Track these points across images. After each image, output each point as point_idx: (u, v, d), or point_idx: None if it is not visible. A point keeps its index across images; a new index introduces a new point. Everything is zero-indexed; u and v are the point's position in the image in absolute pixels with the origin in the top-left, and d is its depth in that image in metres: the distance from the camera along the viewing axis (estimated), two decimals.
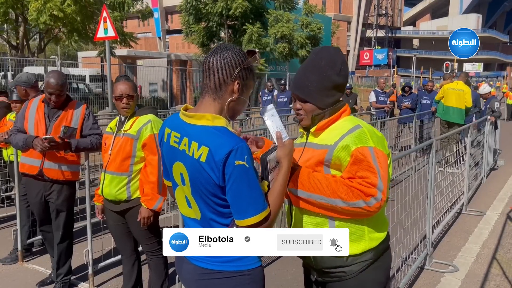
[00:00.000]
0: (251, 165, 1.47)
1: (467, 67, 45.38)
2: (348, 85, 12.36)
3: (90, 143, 3.41)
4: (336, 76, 1.73)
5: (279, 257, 4.32)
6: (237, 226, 1.52)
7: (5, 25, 15.18)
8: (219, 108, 1.55)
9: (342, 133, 1.69)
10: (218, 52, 1.56)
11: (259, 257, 1.64)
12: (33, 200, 3.55)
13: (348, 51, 58.25)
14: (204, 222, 1.58)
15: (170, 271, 3.38)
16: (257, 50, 1.67)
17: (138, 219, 2.88)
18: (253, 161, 1.50)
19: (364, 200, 1.60)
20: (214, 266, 1.55)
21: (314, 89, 1.72)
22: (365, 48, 61.30)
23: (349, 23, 58.78)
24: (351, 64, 57.14)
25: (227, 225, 1.55)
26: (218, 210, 1.53)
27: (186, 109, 1.62)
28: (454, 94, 8.38)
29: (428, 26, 68.43)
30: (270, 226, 1.52)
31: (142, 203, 2.85)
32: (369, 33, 61.96)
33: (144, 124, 2.88)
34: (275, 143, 1.65)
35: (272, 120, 1.65)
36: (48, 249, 3.84)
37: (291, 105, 12.43)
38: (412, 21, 73.48)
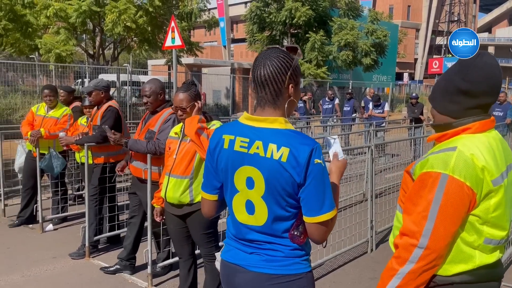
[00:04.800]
0: (325, 164, 1.56)
1: None
2: (414, 94, 11.89)
3: (145, 148, 3.58)
4: (460, 81, 1.56)
5: None
6: (303, 224, 1.58)
7: (84, 35, 16.34)
8: (281, 114, 1.61)
9: (435, 150, 1.56)
10: (266, 63, 1.58)
11: (310, 262, 1.70)
12: None
13: (415, 59, 56.08)
14: (267, 228, 1.60)
15: None
16: (298, 46, 1.66)
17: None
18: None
19: (407, 258, 1.49)
20: (276, 271, 1.60)
21: (438, 92, 1.65)
22: (435, 56, 58.58)
23: (417, 30, 56.59)
24: (419, 73, 54.93)
25: (287, 229, 1.59)
26: (288, 210, 1.57)
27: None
28: None
29: (505, 33, 64.01)
30: (332, 227, 1.61)
31: None
32: (439, 40, 59.20)
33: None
34: (330, 160, 1.77)
35: (335, 144, 1.81)
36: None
37: (354, 114, 12.17)
38: (487, 28, 69.21)
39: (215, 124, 2.97)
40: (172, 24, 8.28)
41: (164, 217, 3.22)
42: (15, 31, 12.26)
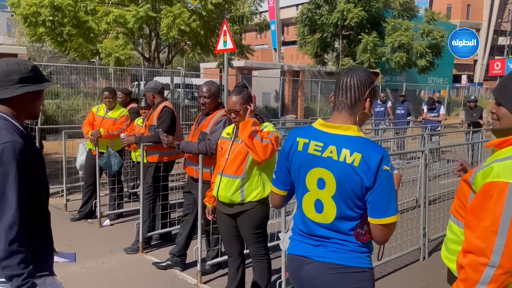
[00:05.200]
0: (392, 171, 1.70)
1: None
2: (472, 97, 11.33)
3: (196, 149, 3.69)
4: None
5: None
6: (367, 224, 1.72)
7: (140, 40, 17.00)
8: (353, 122, 1.76)
9: (499, 157, 1.47)
10: (353, 74, 1.78)
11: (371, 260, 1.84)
12: None
13: (475, 61, 53.39)
14: (334, 225, 1.75)
15: (273, 277, 3.45)
16: (379, 71, 1.88)
17: None
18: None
19: (477, 280, 1.37)
20: (341, 261, 1.74)
21: None
22: (496, 57, 55.37)
23: (478, 30, 53.83)
24: (479, 75, 52.22)
25: (353, 228, 1.74)
26: (354, 211, 1.72)
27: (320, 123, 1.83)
28: None
29: None
30: (393, 230, 1.73)
31: None
32: (502, 40, 55.97)
33: None
34: None
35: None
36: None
37: (409, 117, 11.80)
38: None
39: (267, 126, 3.01)
40: (224, 27, 8.44)
41: (215, 216, 3.30)
42: (79, 37, 13.02)
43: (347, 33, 20.02)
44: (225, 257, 3.90)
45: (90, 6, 12.73)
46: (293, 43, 37.84)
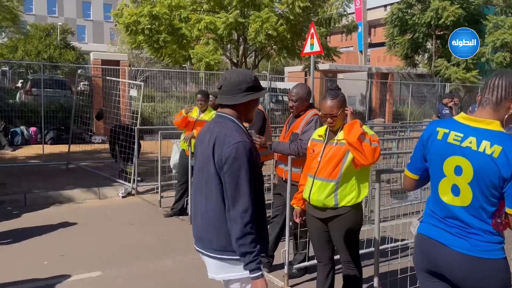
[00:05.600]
0: None
1: None
2: None
3: (287, 149, 3.71)
4: None
5: None
6: (504, 215, 1.84)
7: (229, 45, 17.57)
8: (497, 118, 1.89)
9: None
10: (503, 75, 1.92)
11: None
12: None
13: None
14: (471, 209, 1.88)
15: (364, 286, 3.32)
16: None
17: None
18: None
19: None
20: (479, 254, 1.87)
21: None
22: None
23: None
24: None
25: (489, 216, 1.86)
26: (490, 200, 1.84)
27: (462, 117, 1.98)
28: None
29: None
30: None
31: None
32: None
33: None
34: None
35: None
36: None
37: None
38: None
39: (365, 129, 2.91)
40: (312, 30, 8.40)
41: (303, 219, 3.25)
42: (173, 43, 13.80)
43: (441, 32, 18.86)
44: (313, 261, 3.85)
45: (183, 14, 13.43)
46: (380, 45, 36.53)
